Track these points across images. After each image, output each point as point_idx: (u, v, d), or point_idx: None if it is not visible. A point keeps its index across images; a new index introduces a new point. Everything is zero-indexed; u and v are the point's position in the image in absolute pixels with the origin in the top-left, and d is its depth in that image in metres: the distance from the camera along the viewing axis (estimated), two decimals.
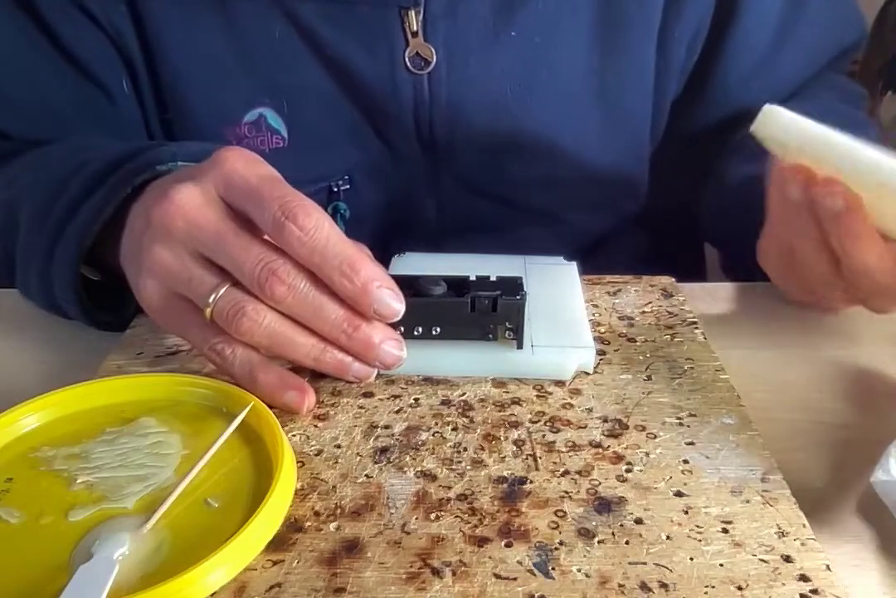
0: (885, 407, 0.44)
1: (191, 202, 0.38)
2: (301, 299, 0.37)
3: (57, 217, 0.45)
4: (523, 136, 0.61)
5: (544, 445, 0.39)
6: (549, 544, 0.33)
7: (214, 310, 0.38)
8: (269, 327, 0.38)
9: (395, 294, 0.38)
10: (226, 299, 0.38)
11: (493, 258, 0.52)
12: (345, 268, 0.36)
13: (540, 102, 0.60)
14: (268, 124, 0.59)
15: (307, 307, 0.38)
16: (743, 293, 0.55)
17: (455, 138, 0.61)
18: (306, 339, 0.39)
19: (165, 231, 0.38)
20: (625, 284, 0.53)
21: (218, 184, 0.38)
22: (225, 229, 0.38)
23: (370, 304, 0.37)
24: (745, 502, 0.35)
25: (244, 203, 0.38)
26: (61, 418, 0.40)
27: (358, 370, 0.41)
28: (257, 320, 0.38)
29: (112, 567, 0.31)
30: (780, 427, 0.42)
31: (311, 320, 0.38)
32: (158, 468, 0.36)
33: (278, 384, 0.40)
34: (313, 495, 0.36)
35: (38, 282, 0.47)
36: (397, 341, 0.40)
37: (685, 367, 0.45)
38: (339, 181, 0.62)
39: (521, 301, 0.42)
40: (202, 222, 0.38)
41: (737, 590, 0.31)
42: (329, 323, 0.38)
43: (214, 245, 0.38)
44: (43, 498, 0.35)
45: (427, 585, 0.31)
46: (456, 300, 0.42)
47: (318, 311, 0.38)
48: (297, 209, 0.36)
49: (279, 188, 0.37)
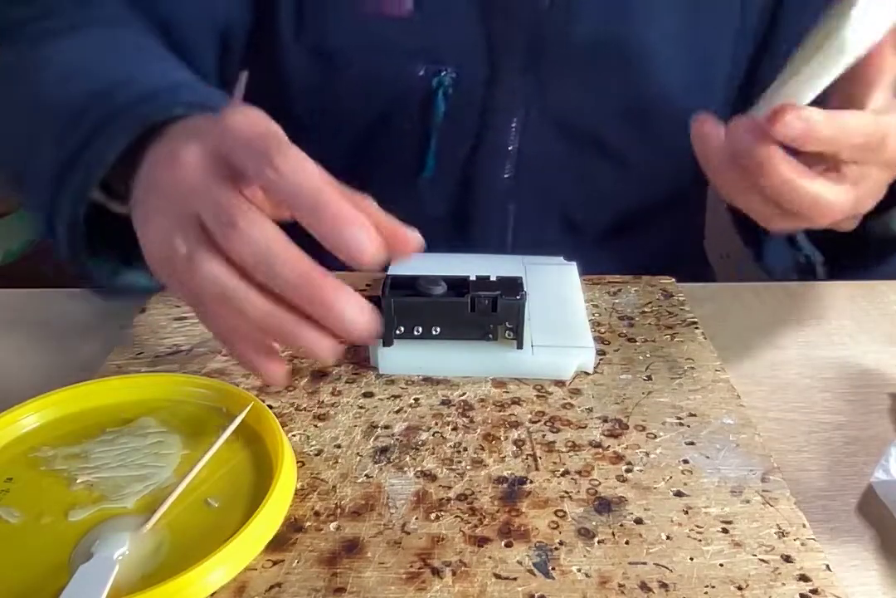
0: (885, 407, 0.44)
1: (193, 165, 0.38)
2: (256, 249, 0.35)
3: (70, 150, 0.45)
4: (622, 56, 0.61)
5: (544, 445, 0.39)
6: (549, 544, 0.33)
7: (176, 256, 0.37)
8: (214, 280, 0.36)
9: (369, 235, 0.34)
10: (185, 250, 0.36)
11: (492, 258, 0.52)
12: (315, 206, 0.34)
13: (642, 21, 0.60)
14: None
15: (261, 259, 0.35)
16: (743, 293, 0.55)
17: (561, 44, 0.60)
18: (255, 296, 0.36)
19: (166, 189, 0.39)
20: (625, 284, 0.53)
21: (219, 144, 0.38)
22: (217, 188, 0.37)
23: (339, 245, 0.34)
24: (745, 502, 0.35)
25: (237, 158, 0.37)
26: (61, 418, 0.40)
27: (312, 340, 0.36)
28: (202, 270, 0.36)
29: (112, 567, 0.31)
30: (780, 427, 0.42)
31: (265, 274, 0.36)
32: (158, 468, 0.36)
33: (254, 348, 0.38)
34: (313, 495, 0.36)
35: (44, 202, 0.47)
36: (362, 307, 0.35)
37: (685, 367, 0.45)
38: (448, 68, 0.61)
39: (521, 301, 0.42)
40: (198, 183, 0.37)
41: (737, 590, 0.31)
42: (285, 278, 0.35)
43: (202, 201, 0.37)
44: (43, 498, 0.35)
45: (427, 585, 0.31)
46: (456, 300, 0.42)
47: (272, 264, 0.35)
48: (275, 152, 0.35)
49: (270, 139, 0.36)
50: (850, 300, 0.54)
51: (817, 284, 0.56)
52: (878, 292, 0.55)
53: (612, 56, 0.61)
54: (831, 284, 0.56)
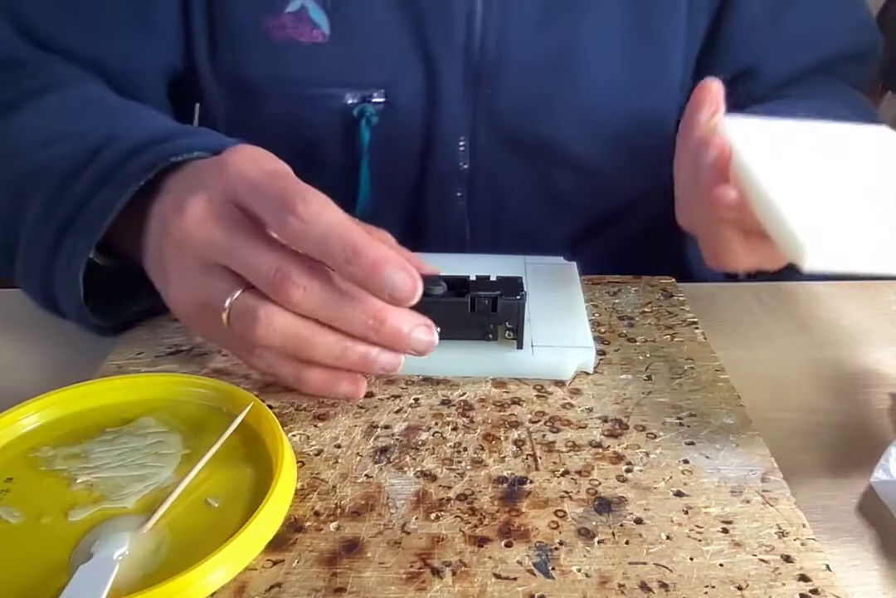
0: (885, 407, 0.44)
1: (204, 215, 0.38)
2: (319, 300, 0.36)
3: (67, 209, 0.44)
4: (567, 60, 0.60)
5: (544, 445, 0.39)
6: (549, 544, 0.33)
7: (230, 315, 0.37)
8: (284, 331, 0.37)
9: (408, 275, 0.35)
10: (239, 304, 0.37)
11: (492, 258, 0.52)
12: (349, 254, 0.35)
13: (585, 22, 0.59)
14: (309, 17, 0.57)
15: (328, 308, 0.37)
16: (743, 293, 0.55)
17: (502, 57, 0.58)
18: (325, 338, 0.38)
19: (183, 245, 0.38)
20: (625, 284, 0.53)
21: (226, 189, 0.38)
22: (236, 237, 0.37)
23: (381, 288, 0.35)
24: (745, 502, 0.35)
25: (251, 204, 0.37)
26: (61, 418, 0.40)
27: (386, 362, 0.39)
28: (270, 325, 0.37)
29: (112, 567, 0.31)
30: (780, 427, 0.42)
31: (335, 320, 0.37)
32: (158, 468, 0.36)
33: (329, 379, 0.40)
34: (313, 495, 0.36)
35: (39, 273, 0.46)
36: (427, 326, 0.38)
37: (685, 367, 0.45)
38: (374, 93, 0.59)
39: (520, 301, 0.42)
40: (214, 233, 0.37)
41: (737, 590, 0.31)
42: (353, 321, 0.37)
43: (228, 254, 0.37)
44: (43, 498, 0.35)
45: (427, 585, 0.31)
46: (456, 300, 0.42)
47: (339, 310, 0.37)
48: (296, 199, 0.35)
49: (280, 180, 0.36)
50: (850, 300, 0.54)
51: (817, 284, 0.56)
52: (878, 292, 0.55)
53: (555, 60, 0.59)
54: (831, 284, 0.56)
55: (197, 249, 0.38)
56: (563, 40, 0.59)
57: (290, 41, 0.57)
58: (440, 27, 0.57)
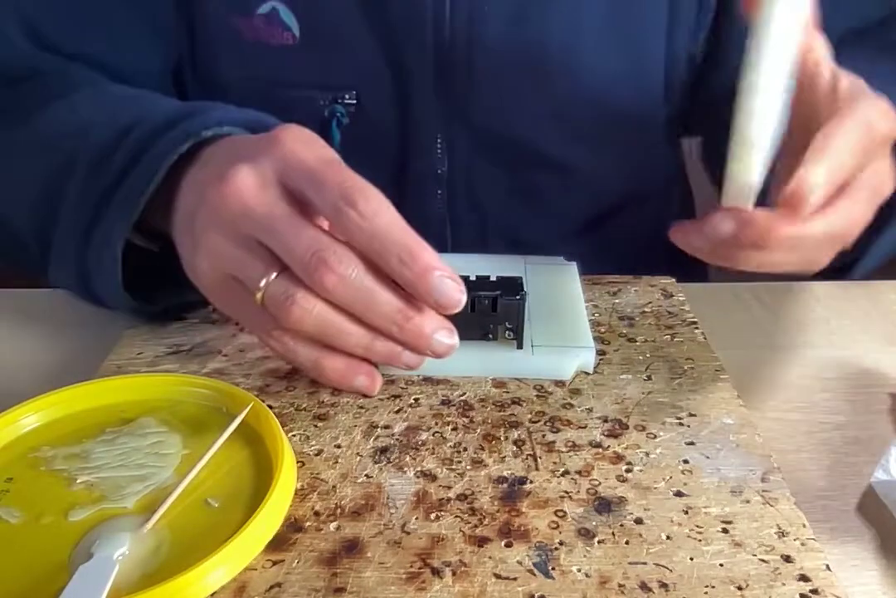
0: (885, 407, 0.44)
1: (247, 186, 0.37)
2: (351, 289, 0.36)
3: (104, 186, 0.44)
4: (541, 59, 0.59)
5: (544, 445, 0.39)
6: (549, 544, 0.33)
7: (265, 296, 0.37)
8: (319, 316, 0.37)
9: (457, 284, 0.37)
10: (276, 286, 0.37)
11: (493, 258, 0.52)
12: (404, 255, 0.35)
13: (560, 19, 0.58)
14: (279, 19, 0.57)
15: (357, 298, 0.37)
16: (744, 293, 0.55)
17: (473, 58, 0.58)
18: (357, 328, 0.38)
19: (219, 214, 0.38)
20: (625, 284, 0.53)
21: (277, 167, 0.37)
22: (279, 214, 0.37)
23: (429, 292, 0.36)
24: (745, 502, 0.35)
25: (303, 187, 0.37)
26: (61, 418, 0.40)
27: (409, 359, 0.40)
28: (308, 308, 0.37)
29: (112, 567, 0.31)
30: (780, 427, 0.42)
31: (361, 311, 0.37)
32: (158, 468, 0.36)
33: (346, 370, 0.40)
34: (313, 495, 0.36)
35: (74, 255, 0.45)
36: (449, 330, 0.39)
37: (685, 367, 0.45)
38: (346, 95, 0.59)
39: (520, 301, 0.42)
40: (257, 207, 0.37)
41: (737, 590, 0.31)
42: (380, 314, 0.37)
43: (267, 230, 0.37)
44: (43, 498, 0.35)
45: (427, 585, 0.31)
46: None
47: (368, 302, 0.37)
48: (357, 194, 0.35)
49: (339, 172, 0.36)
50: (850, 300, 0.54)
51: (817, 284, 0.56)
52: (878, 292, 0.55)
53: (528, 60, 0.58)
54: (831, 284, 0.56)
55: (235, 220, 0.37)
56: (536, 39, 0.58)
57: (261, 43, 0.58)
58: (409, 30, 0.57)
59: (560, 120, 0.61)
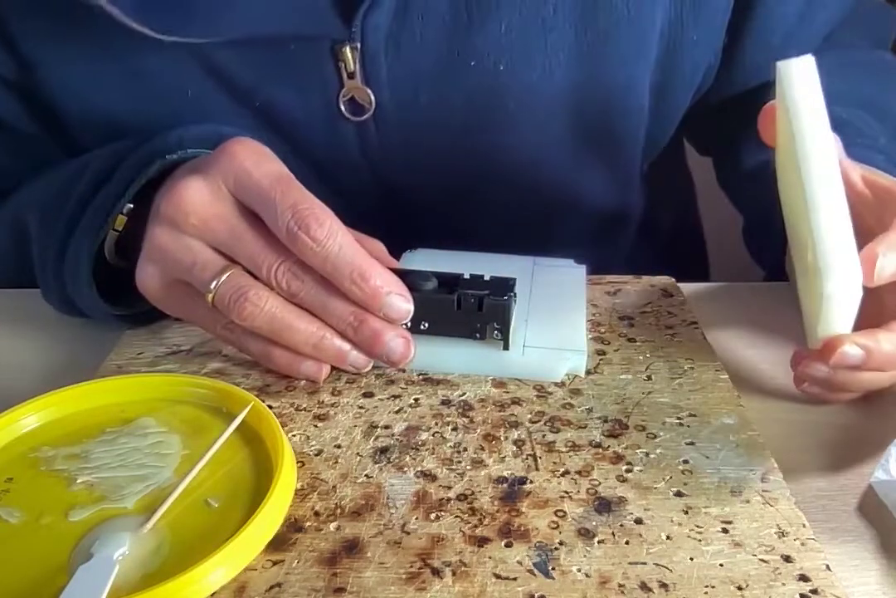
0: (885, 407, 0.44)
1: (200, 198, 0.39)
2: (312, 289, 0.39)
3: (67, 217, 0.45)
4: (493, 174, 0.57)
5: (544, 445, 0.39)
6: (549, 544, 0.33)
7: (216, 295, 0.39)
8: (270, 313, 0.39)
9: (404, 298, 0.40)
10: (228, 285, 0.39)
11: (502, 258, 0.52)
12: (355, 277, 0.38)
13: (508, 137, 0.55)
14: None
15: (317, 297, 0.39)
16: (743, 293, 0.55)
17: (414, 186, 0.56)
18: (307, 325, 0.40)
19: (171, 221, 0.39)
20: (625, 284, 0.53)
21: (228, 180, 0.39)
22: (239, 227, 0.39)
23: (379, 308, 0.39)
24: (745, 502, 0.35)
25: (255, 205, 0.39)
26: (61, 418, 0.40)
27: (355, 359, 0.41)
28: (259, 305, 0.39)
29: (112, 567, 0.31)
30: (780, 427, 0.42)
31: (320, 310, 0.40)
32: (158, 468, 0.36)
33: (294, 357, 0.41)
34: (313, 495, 0.36)
35: (54, 282, 0.47)
36: (405, 339, 0.41)
37: (685, 367, 0.45)
38: None
39: (507, 302, 0.42)
40: (214, 219, 0.39)
41: (737, 590, 0.31)
42: (337, 314, 0.39)
43: (230, 242, 0.39)
44: (43, 498, 0.35)
45: (427, 585, 0.31)
46: (443, 297, 0.42)
47: (327, 301, 0.39)
48: (310, 219, 0.37)
49: (291, 193, 0.38)
50: None
51: None
52: None
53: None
54: None
55: (190, 231, 0.39)
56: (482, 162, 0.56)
57: None
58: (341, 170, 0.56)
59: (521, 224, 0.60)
